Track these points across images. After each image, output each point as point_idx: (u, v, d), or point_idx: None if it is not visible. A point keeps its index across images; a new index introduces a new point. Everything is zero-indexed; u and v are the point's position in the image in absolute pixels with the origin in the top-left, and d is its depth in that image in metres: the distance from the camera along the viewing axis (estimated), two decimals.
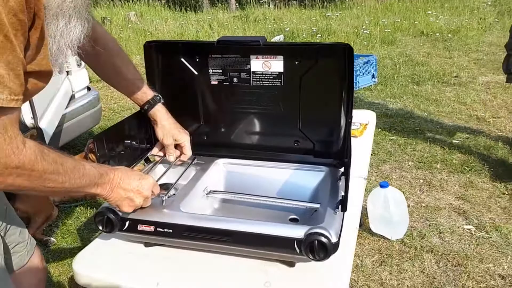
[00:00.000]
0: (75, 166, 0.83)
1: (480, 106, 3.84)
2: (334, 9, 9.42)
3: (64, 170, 0.80)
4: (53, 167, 0.78)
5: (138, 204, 0.98)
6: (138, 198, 0.97)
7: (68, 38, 0.78)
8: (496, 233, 2.18)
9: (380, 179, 2.68)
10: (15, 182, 0.72)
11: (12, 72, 0.66)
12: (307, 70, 1.18)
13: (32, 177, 0.74)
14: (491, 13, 7.89)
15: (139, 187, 0.96)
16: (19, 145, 0.71)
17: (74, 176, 0.83)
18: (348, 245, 1.04)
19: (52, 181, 0.78)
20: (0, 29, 0.63)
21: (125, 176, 0.95)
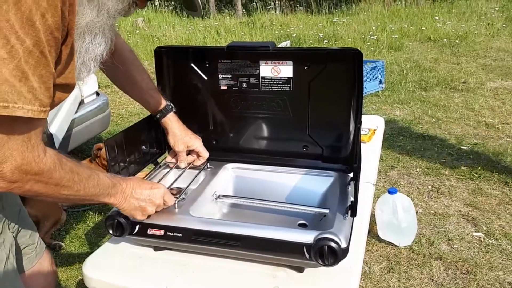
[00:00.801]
0: (90, 176, 0.87)
1: (489, 112, 3.82)
2: (340, 15, 9.43)
3: (79, 179, 0.84)
4: (69, 175, 0.81)
5: (150, 212, 1.00)
6: (150, 206, 0.99)
7: (93, 54, 0.84)
8: (505, 240, 2.16)
9: (388, 185, 2.67)
10: (33, 188, 0.76)
11: (43, 85, 0.69)
12: (316, 75, 1.18)
13: (49, 184, 0.77)
14: (499, 18, 7.85)
15: (151, 196, 0.99)
16: (40, 154, 0.74)
17: (89, 185, 0.86)
18: (357, 251, 1.03)
19: (67, 189, 0.82)
20: (38, 45, 0.67)
21: (137, 185, 0.97)
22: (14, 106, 0.65)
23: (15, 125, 0.69)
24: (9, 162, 0.69)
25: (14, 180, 0.72)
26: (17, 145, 0.70)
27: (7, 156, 0.69)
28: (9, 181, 0.71)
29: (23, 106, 0.67)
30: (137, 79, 1.23)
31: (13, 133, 0.69)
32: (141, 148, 1.25)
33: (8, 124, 0.68)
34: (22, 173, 0.72)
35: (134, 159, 1.20)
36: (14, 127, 0.69)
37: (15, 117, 0.67)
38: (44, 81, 0.69)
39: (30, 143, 0.72)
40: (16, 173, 0.71)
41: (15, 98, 0.65)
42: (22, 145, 0.70)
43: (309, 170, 1.26)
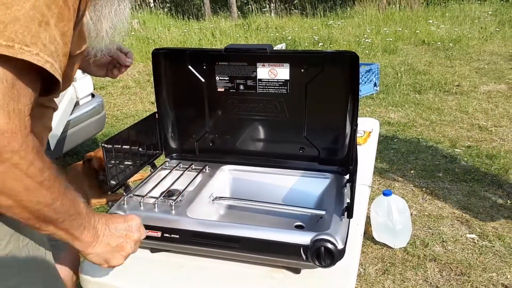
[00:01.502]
0: (67, 187, 0.69)
1: (482, 115, 3.85)
2: (335, 18, 9.48)
3: (59, 184, 0.66)
4: (50, 172, 0.64)
5: (129, 252, 0.83)
6: (128, 243, 0.82)
7: (123, 16, 0.77)
8: (499, 242, 2.17)
9: (383, 188, 2.69)
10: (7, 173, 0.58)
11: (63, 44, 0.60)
12: (313, 78, 1.19)
13: (28, 176, 0.60)
14: (492, 22, 7.93)
15: (127, 230, 0.82)
16: (27, 126, 0.59)
17: (67, 197, 0.68)
18: (353, 252, 1.04)
19: (45, 191, 0.63)
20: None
21: (110, 221, 0.80)
22: (22, 48, 0.55)
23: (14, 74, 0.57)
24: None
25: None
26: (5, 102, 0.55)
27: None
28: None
29: (38, 52, 0.56)
30: None
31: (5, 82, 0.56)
32: (138, 149, 1.25)
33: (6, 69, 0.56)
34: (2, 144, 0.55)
35: (132, 161, 1.21)
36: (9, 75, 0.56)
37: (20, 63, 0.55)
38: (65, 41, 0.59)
39: (18, 106, 0.57)
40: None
41: (28, 40, 0.55)
42: (10, 104, 0.56)
43: (306, 172, 1.27)
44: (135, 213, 1.01)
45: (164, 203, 1.06)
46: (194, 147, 1.36)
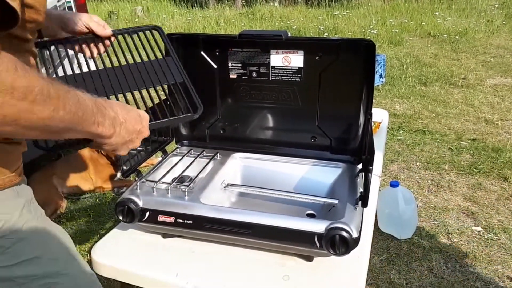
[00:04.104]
0: (67, 89, 0.63)
1: (488, 109, 3.83)
2: (341, 8, 9.40)
3: (55, 91, 0.60)
4: (40, 84, 0.57)
5: (136, 146, 0.82)
6: (138, 140, 0.82)
7: None
8: (504, 235, 2.17)
9: (388, 179, 2.68)
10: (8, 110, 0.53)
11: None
12: (327, 66, 1.18)
13: (15, 99, 0.54)
14: (499, 15, 7.86)
15: (141, 127, 0.81)
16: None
17: (69, 102, 0.62)
18: (365, 240, 1.04)
19: (42, 106, 0.58)
20: None
21: (126, 114, 0.77)
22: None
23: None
24: None
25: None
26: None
27: None
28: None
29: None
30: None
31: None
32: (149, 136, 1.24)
33: None
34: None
35: (143, 147, 1.20)
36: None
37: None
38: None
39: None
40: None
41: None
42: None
43: (317, 161, 1.26)
44: (149, 198, 1.02)
45: (177, 189, 1.05)
46: (204, 134, 1.35)
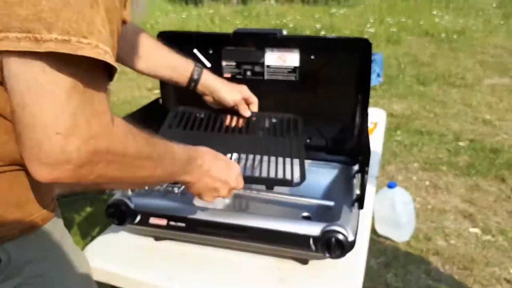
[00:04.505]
0: (166, 149, 0.68)
1: (486, 109, 3.82)
2: (337, 6, 9.38)
3: (157, 154, 0.65)
4: (146, 150, 0.62)
5: (222, 196, 0.85)
6: (224, 189, 0.84)
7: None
8: (502, 237, 2.16)
9: (386, 180, 2.66)
10: (106, 172, 0.55)
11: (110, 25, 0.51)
12: (324, 65, 1.16)
13: (124, 164, 0.58)
14: (497, 15, 7.87)
15: (227, 177, 0.83)
16: (109, 124, 0.53)
17: (166, 161, 0.68)
18: (361, 243, 1.02)
19: (145, 169, 0.63)
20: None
21: (213, 163, 0.81)
22: (78, 41, 0.46)
23: (77, 72, 0.48)
24: (74, 136, 0.48)
25: (83, 163, 0.50)
26: (82, 108, 0.48)
27: (71, 125, 0.47)
28: (77, 165, 0.50)
29: (97, 43, 0.47)
30: (154, 43, 1.04)
31: (77, 87, 0.48)
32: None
33: (68, 70, 0.47)
34: (91, 152, 0.50)
35: None
36: (77, 76, 0.48)
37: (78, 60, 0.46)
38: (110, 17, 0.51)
39: (95, 108, 0.51)
40: (83, 152, 0.49)
41: (84, 29, 0.46)
42: (87, 108, 0.49)
43: (313, 161, 1.24)
44: (140, 200, 0.99)
45: (169, 190, 1.03)
46: None
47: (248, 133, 1.14)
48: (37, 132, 0.47)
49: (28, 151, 0.48)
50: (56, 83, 0.46)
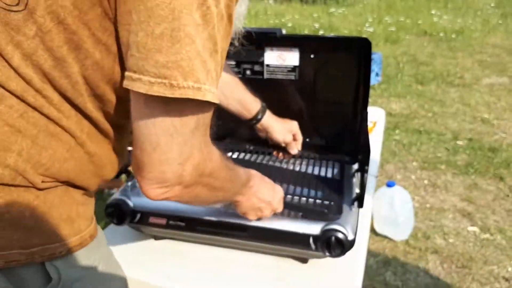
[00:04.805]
0: (237, 172, 0.73)
1: (484, 108, 3.83)
2: (336, 6, 9.39)
3: (234, 177, 0.71)
4: (229, 174, 0.68)
5: (265, 216, 0.89)
6: (267, 210, 0.88)
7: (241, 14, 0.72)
8: (500, 235, 2.17)
9: (384, 179, 2.67)
10: (200, 193, 0.62)
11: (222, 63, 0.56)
12: (323, 64, 1.16)
13: (213, 186, 0.63)
14: (495, 14, 7.88)
15: (271, 199, 0.88)
16: (213, 149, 0.61)
17: (235, 184, 0.73)
18: (361, 241, 1.02)
19: (223, 191, 0.69)
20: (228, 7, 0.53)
21: (261, 184, 0.85)
22: (205, 88, 0.51)
23: (201, 114, 0.54)
24: (190, 162, 0.55)
25: (190, 184, 0.58)
26: (198, 140, 0.55)
27: (188, 155, 0.54)
28: (185, 186, 0.57)
29: (210, 88, 0.51)
30: (232, 77, 1.09)
31: (199, 124, 0.54)
32: None
33: (194, 112, 0.53)
34: (198, 175, 0.57)
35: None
36: (199, 116, 0.54)
37: (202, 104, 0.52)
38: (223, 57, 0.56)
39: (207, 136, 0.58)
40: (194, 175, 0.57)
41: (204, 77, 0.51)
42: (201, 140, 0.56)
43: (312, 160, 1.24)
44: (140, 200, 0.99)
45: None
46: None
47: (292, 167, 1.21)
48: (163, 165, 0.53)
49: (150, 176, 0.54)
50: (186, 125, 0.53)
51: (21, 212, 0.57)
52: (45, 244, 0.59)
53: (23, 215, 0.57)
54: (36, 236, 0.58)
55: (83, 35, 0.53)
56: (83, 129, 0.60)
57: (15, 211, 0.56)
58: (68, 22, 0.52)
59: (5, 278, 0.58)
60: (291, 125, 1.21)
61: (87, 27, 0.53)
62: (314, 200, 1.02)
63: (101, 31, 0.53)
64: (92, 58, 0.55)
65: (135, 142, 0.54)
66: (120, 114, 0.62)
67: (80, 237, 0.64)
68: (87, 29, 0.53)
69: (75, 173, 0.61)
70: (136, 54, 0.49)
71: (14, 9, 0.51)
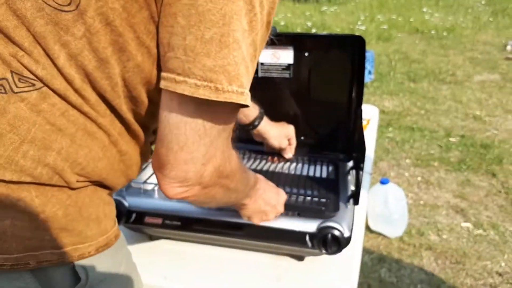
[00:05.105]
0: (248, 175, 0.74)
1: (476, 105, 3.86)
2: (328, 4, 9.40)
3: (247, 180, 0.72)
4: (243, 176, 0.69)
5: (269, 219, 0.90)
6: (272, 213, 0.89)
7: None
8: (493, 231, 2.19)
9: (378, 177, 2.68)
10: (216, 194, 0.63)
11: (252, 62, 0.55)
12: (317, 62, 1.16)
13: (228, 188, 0.65)
14: (485, 12, 7.94)
15: (276, 202, 0.89)
16: (233, 151, 0.62)
17: (247, 186, 0.74)
18: (356, 238, 1.03)
19: (237, 193, 0.70)
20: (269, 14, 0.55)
21: (267, 188, 0.86)
22: (247, 92, 0.52)
23: (231, 115, 0.56)
24: (211, 164, 0.56)
25: (209, 185, 0.59)
26: (222, 142, 0.57)
27: (211, 156, 0.56)
28: (204, 186, 0.58)
29: (247, 91, 0.53)
30: None
31: (226, 126, 0.55)
32: None
33: (226, 114, 0.54)
34: (217, 176, 0.59)
35: None
36: (229, 118, 0.55)
37: (236, 107, 0.54)
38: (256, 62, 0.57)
39: (229, 139, 0.59)
40: (214, 176, 0.58)
41: (247, 82, 0.52)
42: (224, 142, 0.57)
43: (307, 158, 1.24)
44: (135, 199, 0.99)
45: None
46: None
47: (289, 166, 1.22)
48: (188, 164, 0.54)
49: (172, 175, 0.55)
50: (215, 127, 0.54)
51: (54, 212, 0.57)
52: (76, 244, 0.59)
53: (56, 215, 0.57)
54: (68, 236, 0.58)
55: (128, 38, 0.54)
56: (115, 129, 0.61)
57: (49, 211, 0.56)
58: (116, 24, 0.52)
59: (35, 279, 0.58)
60: (287, 130, 1.21)
61: (133, 30, 0.54)
62: (310, 198, 1.03)
63: (145, 34, 0.54)
64: (134, 60, 0.55)
65: (161, 141, 0.54)
66: (148, 115, 0.63)
67: (106, 237, 0.64)
68: (132, 31, 0.54)
69: (106, 172, 0.62)
70: (182, 57, 0.50)
71: (66, 9, 0.51)
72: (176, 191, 0.57)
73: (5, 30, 0.51)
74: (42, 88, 0.54)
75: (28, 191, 0.55)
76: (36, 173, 0.54)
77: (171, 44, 0.51)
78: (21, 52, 0.52)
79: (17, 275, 0.57)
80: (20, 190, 0.54)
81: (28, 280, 0.57)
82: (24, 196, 0.54)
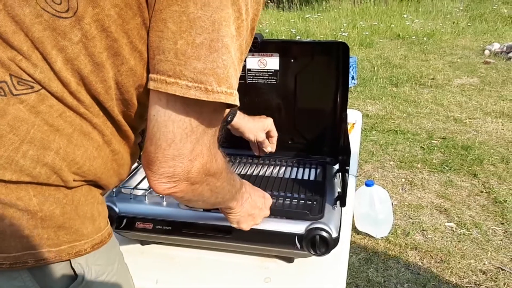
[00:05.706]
0: (234, 176, 0.75)
1: (457, 108, 3.95)
2: (312, 12, 9.52)
3: (233, 181, 0.73)
4: (229, 177, 0.70)
5: (257, 223, 0.90)
6: (259, 217, 0.89)
7: None
8: (476, 230, 2.24)
9: (364, 179, 2.72)
10: (203, 192, 0.64)
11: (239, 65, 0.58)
12: (303, 68, 1.19)
13: (215, 186, 0.66)
14: (464, 17, 8.13)
15: (263, 204, 0.90)
16: (218, 150, 0.64)
17: (233, 188, 0.75)
18: (344, 239, 1.05)
19: (223, 193, 0.71)
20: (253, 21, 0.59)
21: (252, 191, 0.87)
22: (235, 93, 0.56)
23: (217, 115, 0.59)
24: (198, 161, 0.58)
25: (196, 182, 0.60)
26: (208, 139, 0.59)
27: (198, 153, 0.58)
28: (191, 183, 0.60)
29: (235, 92, 0.56)
30: None
31: (212, 125, 0.58)
32: None
33: (213, 114, 0.57)
34: (204, 173, 0.60)
35: None
36: (215, 117, 0.58)
37: (222, 106, 0.57)
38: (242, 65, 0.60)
39: (215, 137, 0.61)
40: (200, 173, 0.59)
41: (236, 83, 0.56)
42: (211, 139, 0.59)
43: (295, 162, 1.27)
44: (125, 205, 1.00)
45: (154, 194, 1.03)
46: None
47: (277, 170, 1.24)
48: (176, 160, 0.56)
49: (160, 171, 0.57)
50: (201, 125, 0.56)
51: (52, 211, 0.59)
52: (73, 241, 0.61)
53: (54, 214, 0.59)
54: (65, 234, 0.60)
55: (122, 43, 0.56)
56: (108, 129, 0.63)
57: (46, 209, 0.58)
58: (111, 30, 0.55)
59: (32, 278, 0.59)
60: (263, 123, 1.22)
61: (127, 35, 0.56)
62: (297, 201, 1.05)
63: (138, 39, 0.57)
64: (127, 64, 0.58)
65: (150, 139, 0.57)
66: (137, 117, 0.66)
67: (101, 235, 0.66)
68: (126, 37, 0.56)
69: (101, 171, 0.64)
70: (173, 60, 0.53)
71: (64, 15, 0.54)
72: (165, 186, 0.59)
73: (4, 35, 0.53)
74: (40, 90, 0.56)
75: (26, 191, 0.56)
76: (35, 172, 0.56)
77: (161, 47, 0.54)
78: (19, 56, 0.54)
79: (16, 274, 0.58)
80: (19, 190, 0.56)
81: (26, 279, 0.59)
82: (22, 195, 0.56)
